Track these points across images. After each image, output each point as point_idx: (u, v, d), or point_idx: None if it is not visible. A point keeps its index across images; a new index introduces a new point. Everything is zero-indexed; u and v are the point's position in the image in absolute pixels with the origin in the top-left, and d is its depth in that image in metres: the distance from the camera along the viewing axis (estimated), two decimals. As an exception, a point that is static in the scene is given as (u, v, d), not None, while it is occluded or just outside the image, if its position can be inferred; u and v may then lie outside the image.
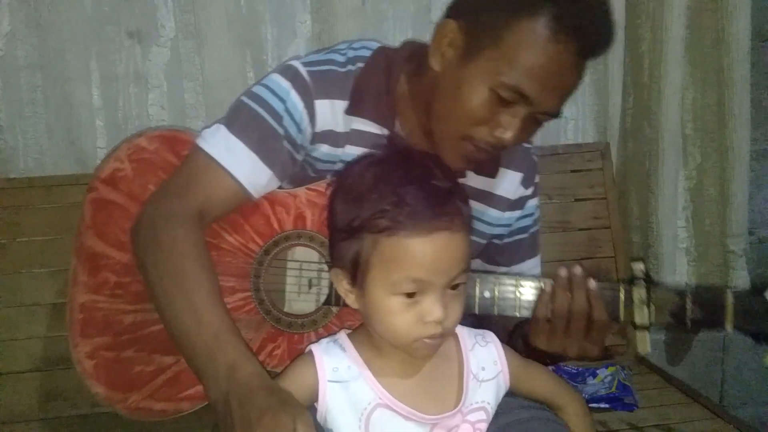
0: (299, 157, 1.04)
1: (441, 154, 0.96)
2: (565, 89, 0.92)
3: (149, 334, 1.05)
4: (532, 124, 0.95)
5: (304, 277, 1.04)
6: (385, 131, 1.03)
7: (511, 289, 0.99)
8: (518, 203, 1.16)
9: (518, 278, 1.00)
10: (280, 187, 1.05)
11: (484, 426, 0.82)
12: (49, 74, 1.51)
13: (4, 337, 1.39)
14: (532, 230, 1.19)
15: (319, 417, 0.80)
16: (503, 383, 0.85)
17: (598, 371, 1.42)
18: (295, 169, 1.04)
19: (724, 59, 1.62)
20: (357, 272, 0.77)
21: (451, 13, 0.97)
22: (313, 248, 1.03)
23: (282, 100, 1.00)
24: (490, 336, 0.87)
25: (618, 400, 1.33)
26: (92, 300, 1.06)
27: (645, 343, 0.94)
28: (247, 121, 1.00)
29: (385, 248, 0.73)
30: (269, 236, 1.04)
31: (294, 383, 0.79)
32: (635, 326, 0.94)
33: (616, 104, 1.70)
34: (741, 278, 1.68)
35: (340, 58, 1.04)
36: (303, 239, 1.04)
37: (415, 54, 1.04)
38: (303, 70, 1.01)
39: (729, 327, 0.91)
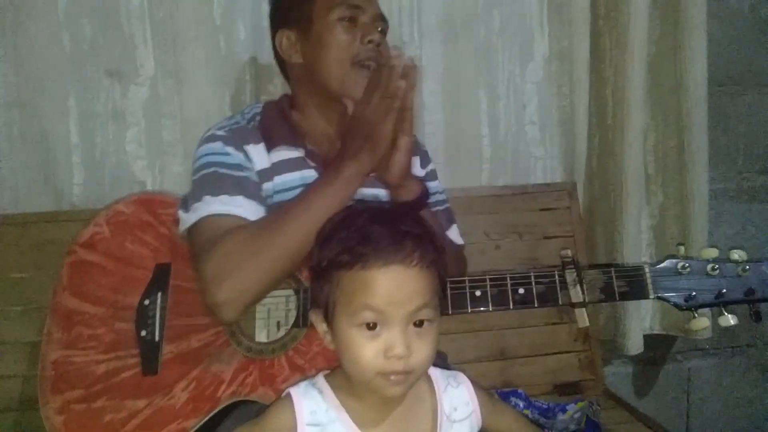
0: (263, 190, 1.14)
1: (350, 95, 1.10)
2: None
3: (121, 381, 1.07)
4: (377, 29, 1.19)
5: (273, 305, 1.08)
6: (300, 151, 1.18)
7: None
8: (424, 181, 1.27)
9: None
10: None
11: None
12: (26, 111, 1.53)
13: (-26, 375, 1.37)
14: (446, 205, 1.36)
15: None
16: (476, 423, 0.89)
17: (567, 407, 1.45)
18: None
19: (683, 104, 1.70)
20: (328, 311, 0.81)
21: (276, 27, 1.26)
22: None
23: (225, 154, 1.12)
24: (462, 377, 0.91)
25: (587, 435, 1.36)
26: (65, 356, 1.10)
27: (583, 319, 1.05)
28: (215, 181, 1.09)
29: (346, 282, 0.78)
30: None
31: (273, 425, 0.82)
32: (572, 305, 1.05)
33: (583, 145, 1.76)
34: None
35: (242, 119, 1.22)
36: None
37: (292, 93, 1.29)
38: (219, 132, 1.16)
39: (651, 296, 1.04)
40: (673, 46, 1.70)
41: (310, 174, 1.16)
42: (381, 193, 1.16)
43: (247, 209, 1.06)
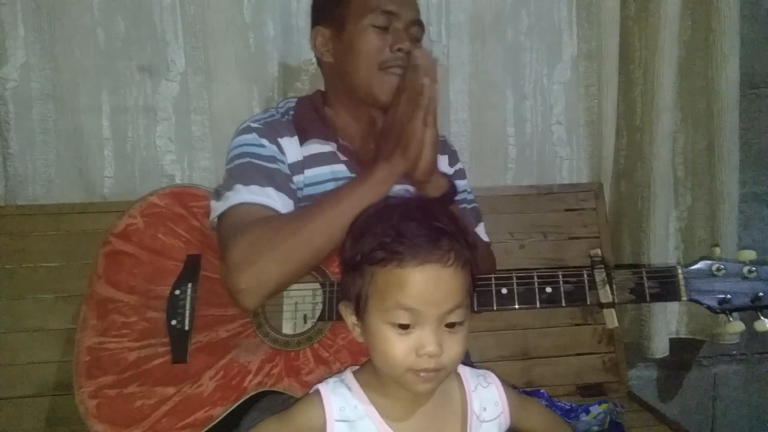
0: (294, 183, 1.15)
1: (376, 98, 1.17)
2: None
3: (152, 368, 1.09)
4: (410, 34, 1.20)
5: (300, 298, 1.09)
6: (332, 145, 1.19)
7: None
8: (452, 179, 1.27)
9: None
10: None
11: None
12: (61, 105, 1.56)
13: (5, 361, 1.41)
14: (473, 204, 1.37)
15: None
16: (504, 423, 0.88)
17: (591, 408, 1.44)
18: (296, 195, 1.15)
19: (714, 106, 1.67)
20: (359, 305, 0.81)
21: (314, 23, 1.28)
22: (310, 273, 1.09)
23: (259, 146, 1.14)
24: (492, 377, 0.90)
25: (610, 437, 1.35)
26: (99, 342, 1.12)
27: (612, 319, 1.03)
28: (247, 171, 1.11)
29: (380, 279, 0.78)
30: None
31: (302, 422, 0.82)
32: (601, 306, 1.03)
33: (610, 146, 1.74)
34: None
35: (277, 113, 1.24)
36: None
37: (325, 89, 1.30)
38: (255, 124, 1.18)
39: (684, 298, 1.02)
40: (704, 47, 1.68)
41: (340, 169, 1.18)
42: (411, 187, 1.16)
43: (277, 201, 1.08)
